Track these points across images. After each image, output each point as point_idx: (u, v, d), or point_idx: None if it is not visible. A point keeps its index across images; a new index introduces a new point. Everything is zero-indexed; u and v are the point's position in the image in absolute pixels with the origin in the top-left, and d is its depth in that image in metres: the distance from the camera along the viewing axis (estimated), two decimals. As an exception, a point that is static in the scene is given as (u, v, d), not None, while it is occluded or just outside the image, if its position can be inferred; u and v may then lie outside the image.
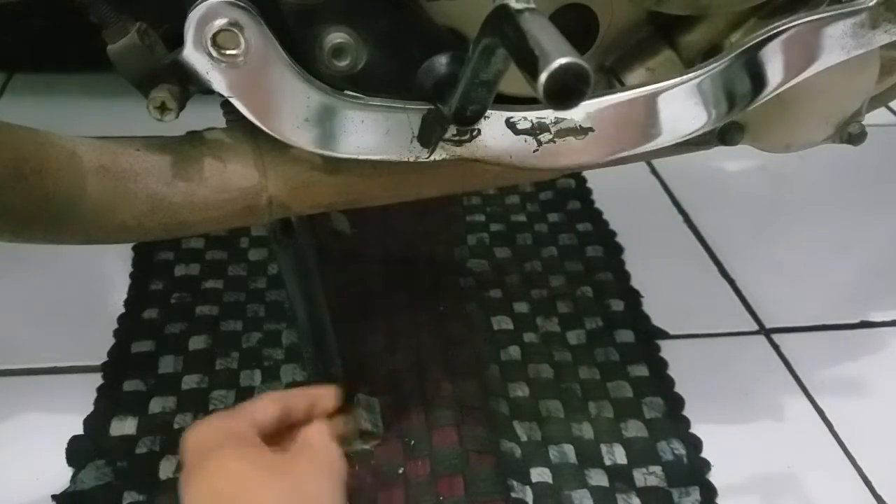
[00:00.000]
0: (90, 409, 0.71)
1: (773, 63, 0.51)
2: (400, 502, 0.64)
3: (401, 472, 0.66)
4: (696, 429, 0.73)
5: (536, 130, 0.50)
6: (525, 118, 0.49)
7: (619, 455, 0.70)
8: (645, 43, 0.53)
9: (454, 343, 0.77)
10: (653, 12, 0.51)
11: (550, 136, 0.50)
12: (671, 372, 0.78)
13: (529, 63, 0.30)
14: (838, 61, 0.52)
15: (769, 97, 0.52)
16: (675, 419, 0.73)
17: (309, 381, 0.73)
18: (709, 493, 0.67)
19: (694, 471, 0.69)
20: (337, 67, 0.46)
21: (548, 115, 0.50)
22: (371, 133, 0.48)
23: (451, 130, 0.49)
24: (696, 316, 0.86)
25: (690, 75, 0.50)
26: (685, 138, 0.53)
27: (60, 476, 0.65)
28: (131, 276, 0.87)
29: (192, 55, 0.43)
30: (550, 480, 0.67)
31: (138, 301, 0.83)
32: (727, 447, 0.71)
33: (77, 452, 0.67)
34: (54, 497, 0.64)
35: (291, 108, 0.46)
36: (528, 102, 0.49)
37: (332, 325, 0.65)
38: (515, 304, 0.85)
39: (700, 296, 0.89)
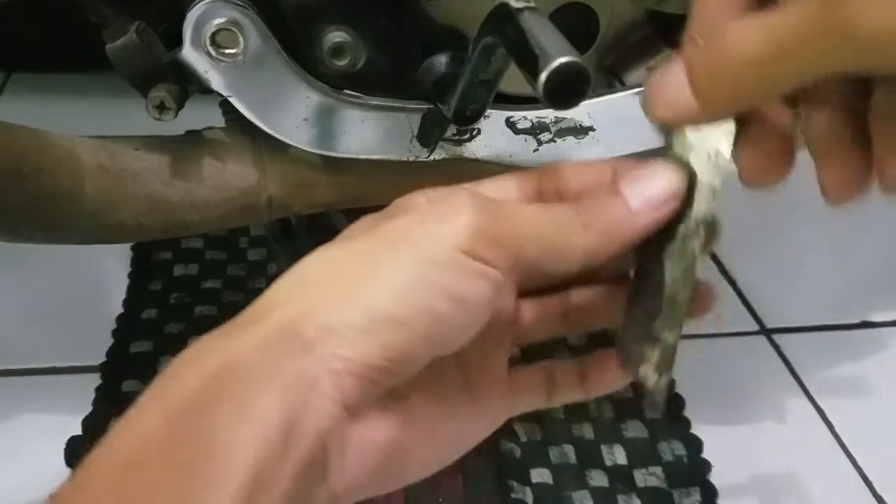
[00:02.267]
0: (89, 409, 0.71)
1: (774, 62, 0.51)
2: (399, 503, 0.63)
3: (400, 472, 0.66)
4: (696, 429, 0.72)
5: (536, 130, 0.50)
6: (525, 118, 0.49)
7: (619, 455, 0.70)
8: (645, 42, 0.53)
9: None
10: (653, 12, 0.51)
11: (550, 136, 0.50)
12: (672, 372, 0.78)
13: (529, 62, 0.30)
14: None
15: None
16: (675, 419, 0.73)
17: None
18: (709, 493, 0.67)
19: (694, 471, 0.69)
20: (336, 67, 0.46)
21: (548, 114, 0.49)
22: (370, 133, 0.48)
23: (451, 130, 0.49)
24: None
25: (691, 75, 0.50)
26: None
27: (59, 476, 0.64)
28: (130, 276, 0.87)
29: (191, 54, 0.43)
30: (551, 481, 0.67)
31: (137, 301, 0.83)
32: (727, 447, 0.71)
33: (76, 453, 0.67)
34: (53, 498, 0.64)
35: (290, 107, 0.46)
36: (528, 102, 0.49)
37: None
38: (515, 304, 0.85)
39: (700, 296, 0.89)
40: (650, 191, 0.29)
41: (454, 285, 0.27)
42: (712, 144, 0.29)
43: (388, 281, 0.27)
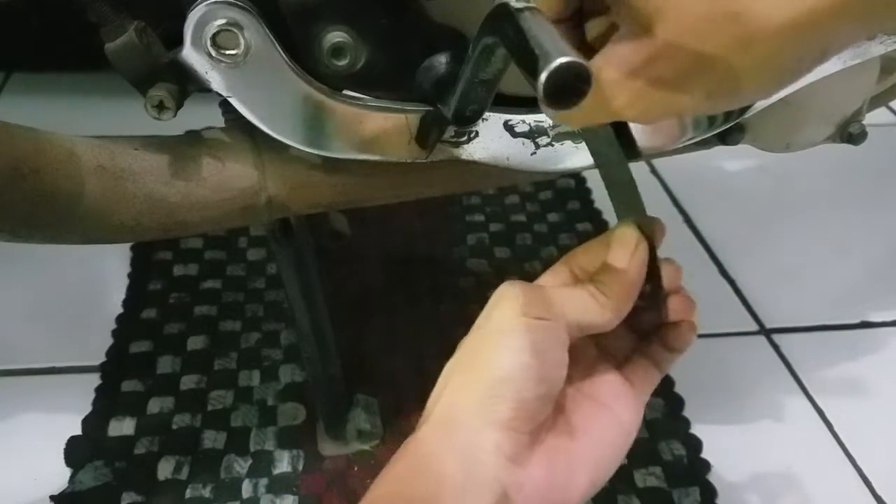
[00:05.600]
0: (88, 409, 0.71)
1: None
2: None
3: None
4: (696, 429, 0.73)
5: (534, 134, 0.50)
6: (523, 121, 0.49)
7: (618, 455, 0.70)
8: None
9: (454, 343, 0.77)
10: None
11: (548, 140, 0.50)
12: (671, 372, 0.78)
13: (529, 63, 0.30)
14: (834, 70, 0.51)
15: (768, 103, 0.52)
16: (675, 419, 0.73)
17: (308, 382, 0.73)
18: (709, 493, 0.67)
19: (694, 471, 0.69)
20: (336, 67, 0.46)
21: (546, 118, 0.49)
22: (369, 133, 0.48)
23: (450, 132, 0.48)
24: (697, 316, 0.86)
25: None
26: (686, 142, 0.53)
27: (59, 476, 0.65)
28: (129, 276, 0.87)
29: (192, 55, 0.43)
30: (550, 481, 0.67)
31: (137, 301, 0.83)
32: (727, 447, 0.71)
33: (75, 453, 0.67)
34: (53, 498, 0.64)
35: (290, 107, 0.46)
36: (528, 103, 0.49)
37: (332, 326, 0.65)
38: (515, 304, 0.85)
39: (700, 296, 0.89)
40: (625, 250, 0.41)
41: (530, 341, 0.37)
42: (612, 135, 0.40)
43: (488, 359, 0.38)
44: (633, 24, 0.32)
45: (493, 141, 0.49)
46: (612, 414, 0.41)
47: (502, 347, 0.38)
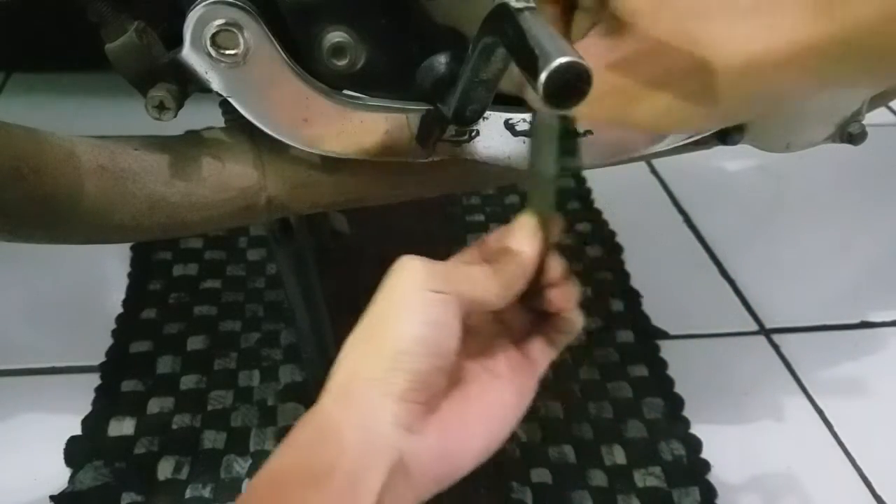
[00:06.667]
0: (88, 409, 0.71)
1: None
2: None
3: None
4: (696, 429, 0.73)
5: (536, 131, 0.50)
6: (524, 120, 0.49)
7: (618, 455, 0.70)
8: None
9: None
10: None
11: (550, 137, 0.50)
12: (671, 372, 0.78)
13: (529, 62, 0.30)
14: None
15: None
16: (675, 419, 0.73)
17: (308, 382, 0.73)
18: (709, 493, 0.67)
19: (694, 471, 0.69)
20: (336, 67, 0.46)
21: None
22: (370, 133, 0.48)
23: (450, 131, 0.48)
24: (696, 316, 0.86)
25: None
26: (686, 141, 0.53)
27: (58, 477, 0.65)
28: (129, 276, 0.87)
29: (191, 55, 0.43)
30: (550, 481, 0.67)
31: (136, 301, 0.83)
32: (727, 447, 0.71)
33: (75, 453, 0.67)
34: (52, 498, 0.64)
35: (290, 107, 0.46)
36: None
37: (331, 326, 0.65)
38: (515, 304, 0.85)
39: (700, 296, 0.89)
40: (522, 234, 0.44)
41: (426, 314, 0.39)
42: (553, 133, 0.42)
43: (388, 331, 0.39)
44: (610, 24, 0.33)
45: (493, 140, 0.49)
46: (506, 384, 0.43)
47: (402, 320, 0.39)
